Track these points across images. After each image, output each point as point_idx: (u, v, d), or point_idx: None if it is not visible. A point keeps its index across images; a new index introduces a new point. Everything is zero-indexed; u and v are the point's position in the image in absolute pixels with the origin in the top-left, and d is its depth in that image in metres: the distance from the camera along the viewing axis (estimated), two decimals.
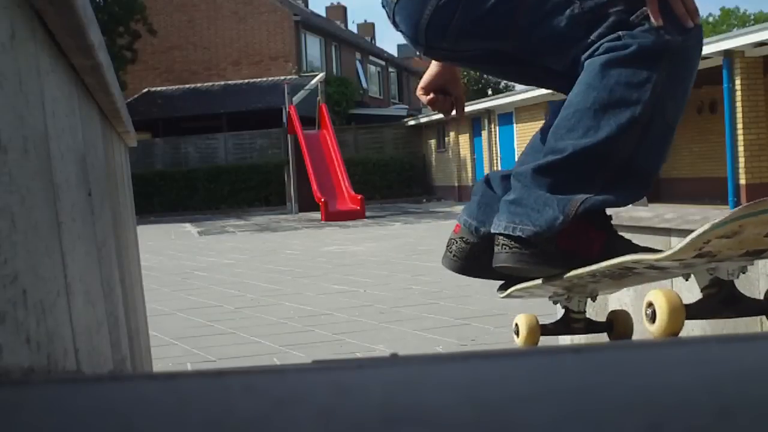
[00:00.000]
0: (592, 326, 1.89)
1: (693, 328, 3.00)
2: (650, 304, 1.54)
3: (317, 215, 18.99)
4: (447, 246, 1.87)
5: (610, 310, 1.96)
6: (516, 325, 1.85)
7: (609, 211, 1.65)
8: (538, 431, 0.35)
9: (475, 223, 1.82)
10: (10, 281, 0.50)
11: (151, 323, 4.41)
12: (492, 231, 1.66)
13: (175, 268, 10.39)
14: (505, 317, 5.89)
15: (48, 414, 0.38)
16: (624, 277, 1.60)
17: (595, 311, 3.67)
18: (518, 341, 1.85)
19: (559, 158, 1.55)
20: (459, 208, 21.32)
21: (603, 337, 1.95)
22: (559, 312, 1.92)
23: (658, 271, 1.55)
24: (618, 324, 1.89)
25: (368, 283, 8.13)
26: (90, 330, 0.86)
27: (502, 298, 1.90)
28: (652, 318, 1.52)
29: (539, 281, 1.70)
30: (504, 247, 1.62)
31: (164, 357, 5.02)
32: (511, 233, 1.59)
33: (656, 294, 1.53)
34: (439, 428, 0.35)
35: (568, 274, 1.59)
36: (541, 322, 1.88)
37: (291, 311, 6.71)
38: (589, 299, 1.87)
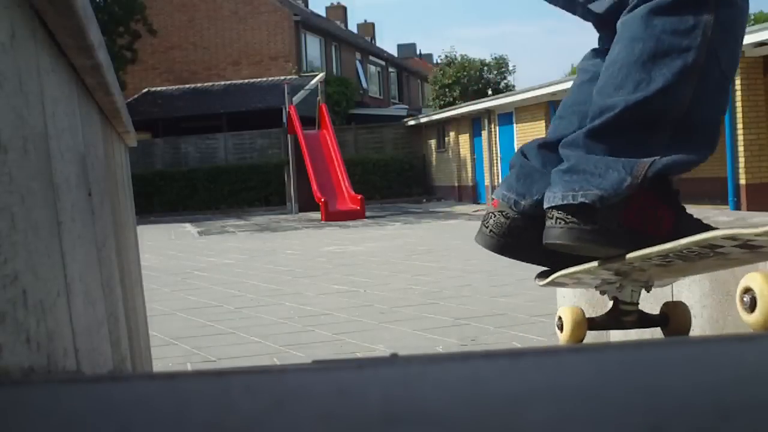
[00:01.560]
0: (645, 320, 1.69)
1: (693, 328, 3.00)
2: (748, 290, 1.36)
3: (317, 215, 18.99)
4: (483, 221, 1.68)
5: (664, 302, 1.76)
6: (559, 318, 1.66)
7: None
8: (538, 431, 0.35)
9: (514, 196, 1.63)
10: (10, 281, 0.50)
11: (151, 323, 4.41)
12: (545, 205, 1.49)
13: (175, 268, 10.39)
14: (505, 317, 5.89)
15: (48, 414, 0.38)
16: (702, 258, 1.41)
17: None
18: (562, 337, 1.66)
19: (613, 116, 1.42)
20: (459, 208, 21.25)
21: (657, 332, 1.76)
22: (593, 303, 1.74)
23: (749, 252, 1.34)
24: (674, 317, 1.69)
25: (368, 283, 8.13)
26: (90, 330, 0.86)
27: (542, 286, 1.72)
28: (752, 306, 1.34)
29: (594, 264, 1.51)
30: (558, 221, 1.45)
31: (164, 357, 5.02)
32: (570, 202, 1.43)
33: (755, 277, 1.35)
34: (439, 428, 0.35)
35: (633, 255, 1.42)
36: (588, 315, 1.69)
37: (291, 311, 6.71)
38: (643, 290, 1.67)
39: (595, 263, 1.50)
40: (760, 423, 0.35)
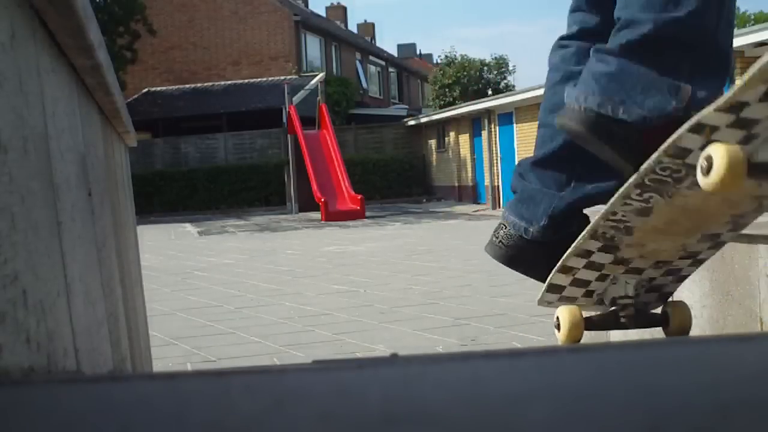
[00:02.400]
0: (643, 318, 1.63)
1: (693, 329, 3.00)
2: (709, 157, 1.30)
3: (317, 215, 18.99)
4: (494, 231, 1.67)
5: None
6: (557, 318, 1.61)
7: None
8: (538, 431, 0.35)
9: (523, 224, 1.62)
10: (10, 281, 0.50)
11: (151, 323, 4.41)
12: (587, 107, 1.39)
13: (175, 268, 10.39)
14: (505, 317, 5.89)
15: (48, 414, 0.38)
16: (680, 182, 1.32)
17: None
18: (560, 336, 1.63)
19: (646, 32, 1.34)
20: (459, 208, 21.27)
21: (658, 333, 1.71)
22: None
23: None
24: (675, 316, 1.64)
25: (368, 283, 8.13)
26: (90, 330, 0.86)
27: (545, 304, 1.68)
28: (708, 170, 1.23)
29: (582, 237, 1.48)
30: (585, 112, 1.36)
31: (164, 357, 5.02)
32: (609, 114, 1.35)
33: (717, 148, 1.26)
34: (439, 428, 0.35)
35: (612, 199, 1.38)
36: (585, 315, 1.64)
37: (291, 311, 6.71)
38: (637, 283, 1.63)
39: (583, 234, 1.46)
40: (760, 423, 0.35)
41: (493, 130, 20.50)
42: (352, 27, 49.00)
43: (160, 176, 23.60)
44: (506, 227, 1.64)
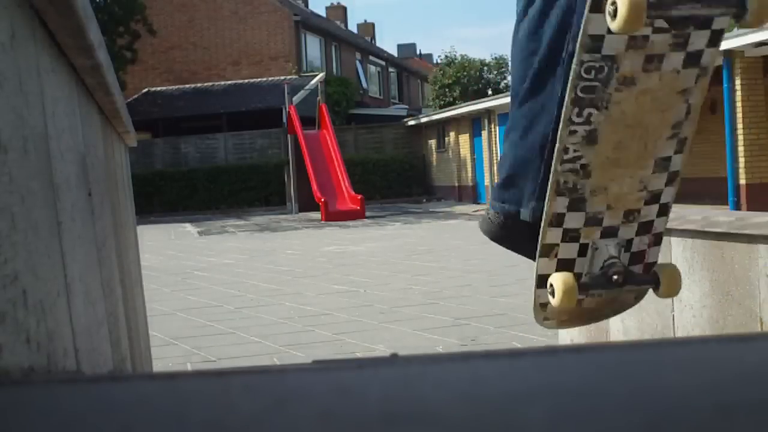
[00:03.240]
0: (634, 277, 1.67)
1: (693, 328, 3.00)
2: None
3: (317, 215, 18.99)
4: (486, 209, 1.75)
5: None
6: (551, 285, 1.69)
7: None
8: (538, 431, 0.35)
9: (513, 207, 1.69)
10: (10, 281, 0.50)
11: (151, 323, 4.41)
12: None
13: (175, 268, 10.39)
14: (505, 317, 5.89)
15: (48, 414, 0.38)
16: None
17: None
18: (554, 302, 1.67)
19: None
20: (459, 208, 21.26)
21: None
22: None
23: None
24: (665, 277, 1.67)
25: (368, 283, 8.13)
26: (90, 330, 0.86)
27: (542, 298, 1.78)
28: (614, 14, 1.38)
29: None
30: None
31: (164, 357, 5.02)
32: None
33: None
34: (439, 428, 0.35)
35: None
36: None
37: (291, 311, 6.71)
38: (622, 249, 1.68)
39: (548, 192, 1.53)
40: (760, 423, 0.35)
41: (493, 130, 20.51)
42: (352, 27, 49.01)
43: (160, 176, 23.60)
44: (496, 210, 1.70)
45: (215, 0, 29.23)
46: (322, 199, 18.67)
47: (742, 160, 12.45)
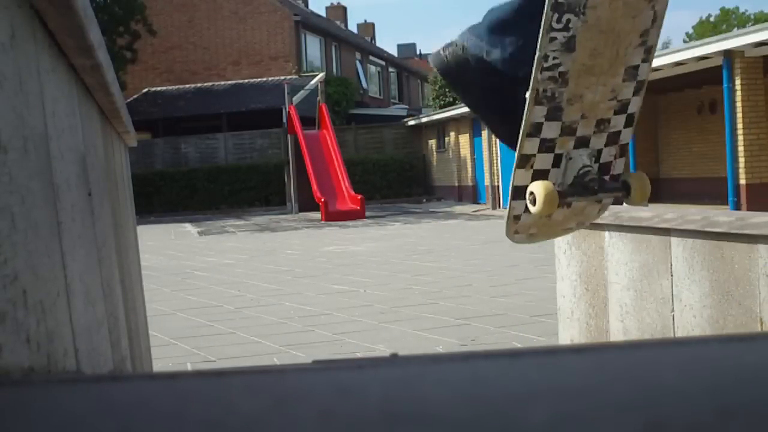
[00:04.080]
0: (606, 185, 1.76)
1: (693, 328, 3.00)
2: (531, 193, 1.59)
3: (317, 215, 18.99)
4: (444, 47, 1.79)
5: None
6: (531, 193, 1.74)
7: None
8: (538, 431, 0.35)
9: (486, 47, 1.72)
10: (10, 281, 0.50)
11: (151, 323, 4.41)
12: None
13: (175, 268, 10.39)
14: (505, 317, 5.89)
15: (48, 414, 0.38)
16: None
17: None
18: (535, 210, 1.73)
19: None
20: (459, 208, 21.21)
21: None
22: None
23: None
24: (634, 183, 1.79)
25: (368, 283, 8.13)
26: (90, 330, 0.86)
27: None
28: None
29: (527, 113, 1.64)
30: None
31: (164, 357, 5.02)
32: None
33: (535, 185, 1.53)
34: (439, 428, 0.35)
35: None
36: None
37: (291, 311, 6.71)
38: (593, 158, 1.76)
39: (528, 101, 1.59)
40: (760, 423, 0.35)
41: None
42: (352, 27, 49.00)
43: (160, 176, 23.60)
44: (459, 47, 1.73)
45: (215, 0, 29.23)
46: (322, 199, 18.67)
47: (742, 160, 12.44)
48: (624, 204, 1.82)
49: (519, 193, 1.74)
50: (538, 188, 1.68)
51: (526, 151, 1.67)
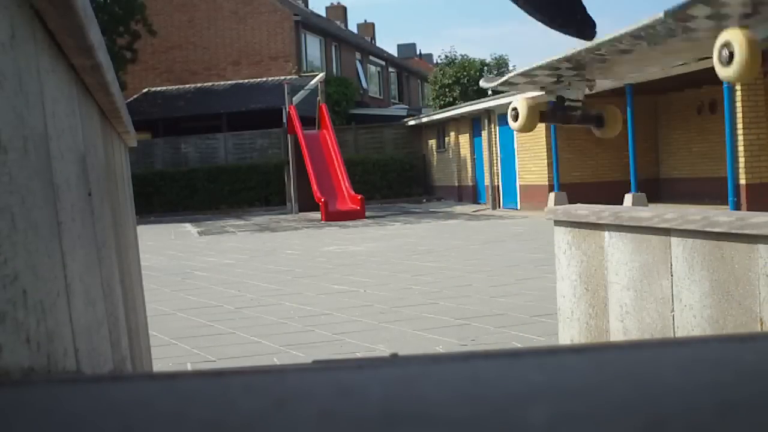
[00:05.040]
0: (587, 116, 1.78)
1: (693, 328, 3.00)
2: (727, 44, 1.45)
3: (317, 215, 18.99)
4: None
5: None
6: (514, 109, 1.72)
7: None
8: (538, 431, 0.35)
9: None
10: (10, 281, 0.50)
11: (151, 323, 4.41)
12: None
13: (175, 268, 10.39)
14: (505, 317, 5.89)
15: (48, 414, 0.38)
16: (671, 36, 1.43)
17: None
18: (516, 125, 1.71)
19: None
20: (459, 208, 21.26)
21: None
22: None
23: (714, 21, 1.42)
24: (608, 115, 1.79)
25: (368, 283, 8.12)
26: (90, 330, 0.86)
27: (490, 88, 1.81)
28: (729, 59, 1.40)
29: (557, 57, 1.58)
30: None
31: (164, 357, 5.02)
32: None
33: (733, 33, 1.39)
34: (439, 428, 0.35)
35: (602, 40, 1.49)
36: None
37: (291, 311, 6.71)
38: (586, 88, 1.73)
39: (557, 56, 1.56)
40: (761, 423, 0.35)
41: (493, 130, 20.51)
42: (352, 27, 48.99)
43: (160, 176, 23.60)
44: None
45: (215, 0, 29.23)
46: (322, 199, 18.67)
47: (742, 160, 12.44)
48: (596, 134, 1.83)
49: (508, 85, 1.72)
50: (522, 105, 1.65)
51: (534, 73, 1.66)
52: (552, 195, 15.45)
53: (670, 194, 16.00)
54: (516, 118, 1.57)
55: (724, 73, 1.33)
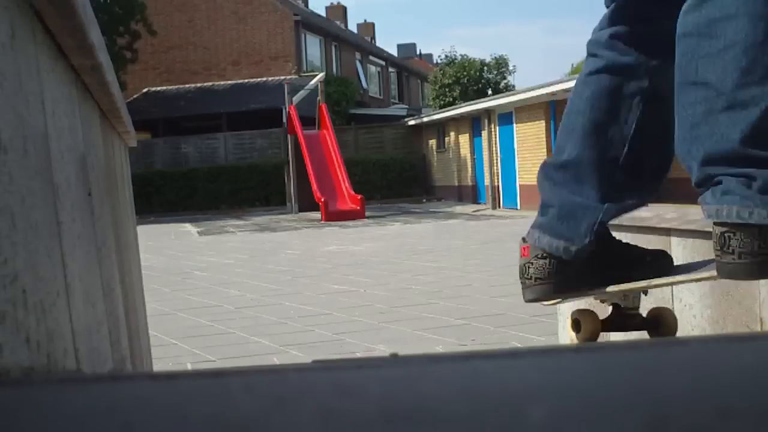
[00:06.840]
0: (646, 322, 1.68)
1: (693, 328, 3.00)
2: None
3: (317, 215, 18.98)
4: (521, 276, 1.54)
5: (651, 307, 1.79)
6: (576, 321, 1.64)
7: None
8: (538, 431, 0.35)
9: (563, 243, 1.48)
10: (10, 281, 0.50)
11: (151, 323, 4.40)
12: (717, 220, 1.29)
13: (175, 268, 10.39)
14: (505, 317, 5.89)
15: (48, 414, 0.38)
16: None
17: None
18: (577, 337, 1.64)
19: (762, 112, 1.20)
20: (459, 208, 21.18)
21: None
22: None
23: None
24: (663, 320, 1.70)
25: (368, 283, 8.12)
26: (90, 330, 0.86)
27: (551, 304, 1.77)
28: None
29: (661, 281, 1.50)
30: (741, 255, 1.27)
31: (164, 357, 5.02)
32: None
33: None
34: (439, 428, 0.35)
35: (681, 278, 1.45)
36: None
37: (291, 311, 6.71)
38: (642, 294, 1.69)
39: (662, 280, 1.49)
40: (760, 423, 0.35)
41: (493, 130, 20.51)
42: (352, 27, 49.00)
43: (160, 176, 23.60)
44: (533, 264, 1.51)
45: (215, 0, 29.22)
46: (322, 199, 18.67)
47: None
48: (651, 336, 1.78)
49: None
50: (585, 319, 1.58)
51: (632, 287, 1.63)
52: None
53: (670, 194, 15.98)
54: (578, 329, 1.51)
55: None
